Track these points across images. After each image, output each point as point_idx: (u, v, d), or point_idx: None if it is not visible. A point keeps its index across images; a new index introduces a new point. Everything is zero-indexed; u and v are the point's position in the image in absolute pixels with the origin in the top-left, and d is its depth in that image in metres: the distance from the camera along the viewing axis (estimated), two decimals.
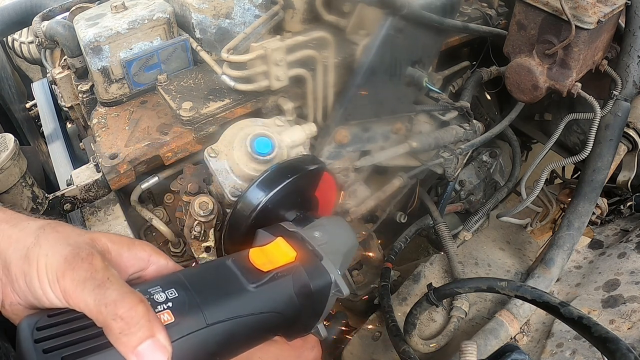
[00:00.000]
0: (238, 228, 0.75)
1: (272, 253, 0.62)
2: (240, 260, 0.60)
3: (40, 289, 0.46)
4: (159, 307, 0.48)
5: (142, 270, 0.55)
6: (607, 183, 1.14)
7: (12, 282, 0.47)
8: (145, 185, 0.95)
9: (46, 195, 0.87)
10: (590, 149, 1.09)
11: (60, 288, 0.45)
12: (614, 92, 1.10)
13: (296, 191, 0.77)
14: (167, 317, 0.48)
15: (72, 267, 0.45)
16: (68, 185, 0.91)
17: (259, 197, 0.73)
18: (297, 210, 0.77)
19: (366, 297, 1.32)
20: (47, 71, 1.25)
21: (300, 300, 0.60)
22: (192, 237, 0.89)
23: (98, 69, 0.96)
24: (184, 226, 0.92)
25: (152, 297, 0.49)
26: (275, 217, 0.75)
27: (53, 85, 1.31)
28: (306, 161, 0.81)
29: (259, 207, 0.73)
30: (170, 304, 0.49)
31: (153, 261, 0.55)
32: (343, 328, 1.24)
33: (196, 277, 0.55)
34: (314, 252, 0.64)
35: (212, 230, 0.88)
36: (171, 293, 0.50)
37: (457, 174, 1.20)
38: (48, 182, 1.55)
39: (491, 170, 1.50)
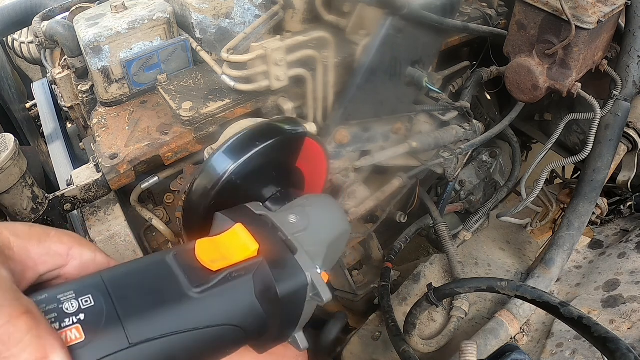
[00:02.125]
0: (196, 209, 0.58)
1: (227, 245, 0.47)
2: (184, 256, 0.46)
3: None
4: (66, 320, 0.38)
5: (60, 268, 0.44)
6: (607, 183, 1.14)
7: None
8: (145, 185, 0.95)
9: (46, 195, 0.87)
10: (590, 149, 1.09)
11: None
12: (614, 92, 1.10)
13: (272, 161, 0.60)
14: (76, 334, 0.37)
15: None
16: (68, 185, 0.91)
17: (224, 167, 0.56)
18: (274, 187, 0.61)
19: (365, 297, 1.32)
20: (47, 71, 1.26)
21: (265, 307, 0.46)
22: None
23: (98, 69, 0.96)
24: None
25: (60, 306, 0.38)
26: (246, 194, 0.59)
27: (53, 85, 1.31)
28: (285, 123, 0.66)
29: (222, 179, 0.56)
30: (82, 316, 0.38)
31: (74, 255, 0.45)
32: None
33: (123, 279, 0.42)
34: (285, 244, 0.49)
35: None
36: (86, 301, 0.39)
37: (457, 174, 1.20)
38: (48, 182, 1.55)
39: (491, 170, 1.50)
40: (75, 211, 0.92)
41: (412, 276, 1.21)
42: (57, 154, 1.39)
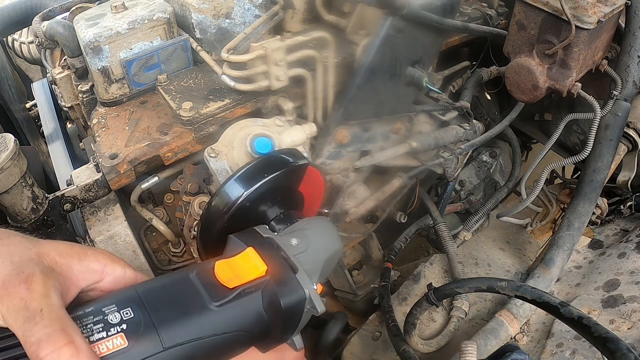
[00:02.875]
0: (212, 228, 0.68)
1: (241, 266, 0.56)
2: (205, 275, 0.55)
3: None
4: (112, 329, 0.46)
5: (97, 283, 0.52)
6: (607, 183, 1.14)
7: None
8: (145, 185, 0.95)
9: (46, 195, 0.87)
10: (590, 149, 1.09)
11: None
12: (614, 92, 1.10)
13: (278, 187, 0.70)
14: (120, 341, 0.45)
15: (8, 292, 0.43)
16: (68, 185, 0.91)
17: (237, 194, 0.66)
18: (279, 208, 0.70)
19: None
20: (47, 71, 1.25)
21: (269, 316, 0.55)
22: (192, 237, 0.89)
23: (98, 69, 0.96)
24: (184, 226, 0.92)
25: (106, 317, 0.46)
26: (255, 215, 0.68)
27: (53, 85, 1.31)
28: (290, 155, 0.75)
29: (236, 204, 0.66)
30: (124, 326, 0.46)
31: (108, 272, 0.52)
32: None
33: (155, 293, 0.51)
34: (287, 264, 0.58)
35: None
36: (126, 313, 0.47)
37: (457, 174, 1.20)
38: (48, 182, 1.55)
39: (491, 170, 1.50)
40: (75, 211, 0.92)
41: (412, 276, 1.21)
42: (57, 154, 1.39)
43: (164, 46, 0.99)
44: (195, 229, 0.87)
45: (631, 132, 1.16)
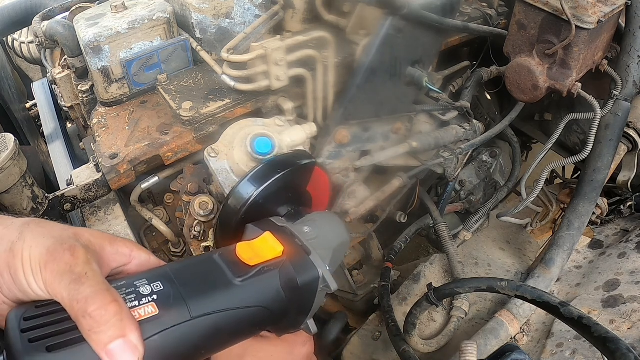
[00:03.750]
0: (229, 223, 0.75)
1: (260, 247, 0.61)
2: (227, 255, 0.60)
3: (25, 280, 0.46)
4: (143, 299, 0.49)
5: (125, 266, 0.55)
6: (607, 183, 1.14)
7: None
8: (145, 185, 0.95)
9: (46, 195, 0.87)
10: (590, 149, 1.09)
11: (42, 279, 0.45)
12: (614, 92, 1.10)
13: (287, 186, 0.76)
14: (152, 309, 0.48)
15: (54, 258, 0.45)
16: (68, 185, 0.91)
17: (249, 192, 0.73)
18: (289, 206, 0.77)
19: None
20: (47, 71, 1.25)
21: (287, 294, 0.59)
22: (192, 237, 0.89)
23: (98, 69, 0.96)
24: (184, 226, 0.92)
25: (137, 289, 0.50)
26: (267, 212, 0.74)
27: (53, 85, 1.31)
28: (297, 156, 0.81)
29: (249, 202, 0.72)
30: (155, 297, 0.49)
31: (135, 256, 0.56)
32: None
33: (182, 271, 0.55)
34: (302, 247, 0.63)
35: (212, 230, 0.88)
36: (157, 286, 0.51)
37: (457, 174, 1.20)
38: (48, 182, 1.55)
39: (491, 170, 1.50)
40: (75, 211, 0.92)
41: (412, 276, 1.21)
42: (57, 154, 1.39)
43: (164, 46, 0.99)
44: (196, 228, 0.88)
45: (631, 132, 1.16)
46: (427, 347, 1.05)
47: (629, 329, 0.90)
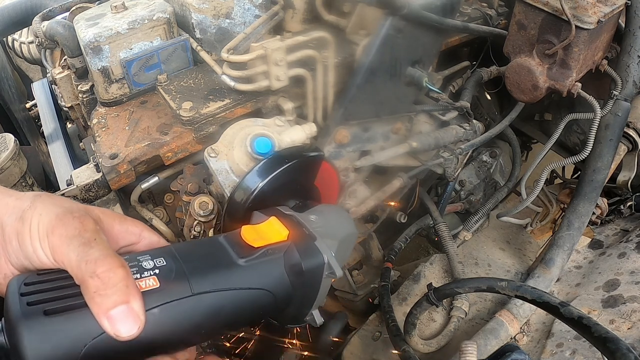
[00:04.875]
0: (235, 214, 0.74)
1: (265, 231, 0.61)
2: (232, 237, 0.60)
3: (31, 246, 0.46)
4: (145, 272, 0.49)
5: (134, 245, 0.55)
6: (607, 183, 1.14)
7: (6, 244, 0.48)
8: (145, 185, 0.95)
9: None
10: (590, 149, 1.09)
11: (48, 244, 0.46)
12: (614, 92, 1.10)
13: (294, 179, 0.76)
14: (153, 282, 0.49)
15: (63, 222, 0.46)
16: (68, 185, 0.91)
17: (255, 182, 0.73)
18: (296, 199, 0.76)
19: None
20: (47, 71, 1.26)
21: (291, 279, 0.59)
22: (192, 237, 0.89)
23: (98, 69, 0.96)
24: (184, 226, 0.92)
25: (140, 263, 0.50)
26: (274, 204, 0.74)
27: (53, 85, 1.31)
28: (305, 149, 0.81)
29: (255, 192, 0.72)
30: (157, 271, 0.50)
31: (145, 236, 0.56)
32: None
33: (186, 250, 0.55)
34: (307, 233, 0.62)
35: (212, 230, 0.88)
36: (160, 261, 0.51)
37: (457, 174, 1.20)
38: (48, 182, 1.55)
39: (491, 170, 1.50)
40: None
41: (412, 276, 1.21)
42: (57, 154, 1.39)
43: (164, 46, 0.99)
44: (196, 229, 0.88)
45: (631, 132, 1.16)
46: (427, 347, 1.05)
47: (629, 329, 0.90)
